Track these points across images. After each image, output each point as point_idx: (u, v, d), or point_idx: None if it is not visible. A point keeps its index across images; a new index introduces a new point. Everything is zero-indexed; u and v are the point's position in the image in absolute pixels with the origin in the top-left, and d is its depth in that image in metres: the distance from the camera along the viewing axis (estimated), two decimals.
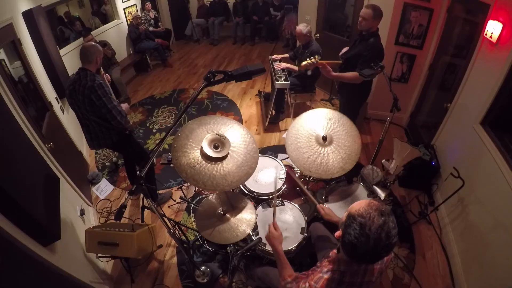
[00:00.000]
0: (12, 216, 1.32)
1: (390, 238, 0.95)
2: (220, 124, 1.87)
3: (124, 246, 1.92)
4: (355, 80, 2.47)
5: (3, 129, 1.56)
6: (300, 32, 3.34)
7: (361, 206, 1.02)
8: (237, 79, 1.48)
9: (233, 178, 1.69)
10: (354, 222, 0.98)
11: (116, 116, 2.11)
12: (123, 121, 2.16)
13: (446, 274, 2.23)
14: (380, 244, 0.95)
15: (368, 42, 2.45)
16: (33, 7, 2.99)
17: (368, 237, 0.95)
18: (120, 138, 2.33)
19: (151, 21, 6.02)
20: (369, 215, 0.97)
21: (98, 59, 2.12)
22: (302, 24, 3.37)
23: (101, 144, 2.32)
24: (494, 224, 1.88)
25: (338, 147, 1.93)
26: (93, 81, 2.03)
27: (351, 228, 0.98)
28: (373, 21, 2.39)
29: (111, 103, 2.08)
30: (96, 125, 2.20)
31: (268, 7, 6.79)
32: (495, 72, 2.04)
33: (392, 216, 0.99)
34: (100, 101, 2.04)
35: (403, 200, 2.83)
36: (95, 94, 2.01)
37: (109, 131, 2.25)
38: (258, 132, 3.88)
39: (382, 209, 0.99)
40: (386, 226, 0.95)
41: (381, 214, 0.97)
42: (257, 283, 1.95)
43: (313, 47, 3.36)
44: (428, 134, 3.22)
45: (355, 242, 0.97)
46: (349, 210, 1.05)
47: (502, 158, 1.88)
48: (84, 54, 2.08)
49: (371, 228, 0.95)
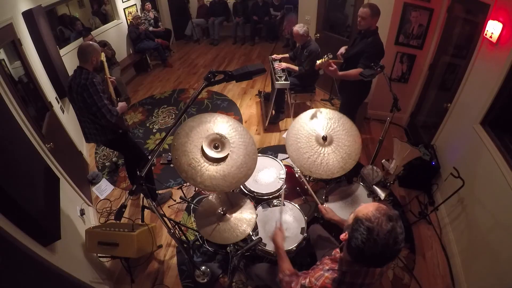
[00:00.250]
0: (12, 216, 1.32)
1: (398, 243, 0.94)
2: (220, 124, 1.87)
3: (124, 246, 1.92)
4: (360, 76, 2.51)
5: (3, 129, 1.56)
6: (297, 33, 3.34)
7: (369, 210, 0.99)
8: (237, 79, 1.48)
9: (233, 178, 1.69)
10: (362, 226, 0.96)
11: (106, 115, 2.13)
12: (112, 120, 2.18)
13: (446, 274, 2.23)
14: (387, 250, 0.94)
15: (368, 40, 2.50)
16: (33, 7, 2.99)
17: (376, 242, 0.93)
18: (115, 137, 2.36)
19: (151, 21, 6.02)
20: (377, 220, 0.95)
21: (94, 58, 2.15)
22: (298, 25, 3.37)
23: (96, 139, 2.36)
24: (494, 224, 1.88)
25: (338, 147, 1.93)
26: (86, 79, 2.07)
27: (358, 233, 0.97)
28: (371, 19, 2.44)
29: (101, 101, 2.11)
30: (91, 122, 2.24)
31: (268, 7, 6.79)
32: (495, 72, 2.04)
33: (400, 221, 0.97)
34: (91, 99, 2.07)
35: (403, 200, 2.83)
36: (86, 92, 2.06)
37: (104, 129, 2.29)
38: (258, 132, 3.88)
39: (390, 213, 0.97)
40: (394, 231, 0.94)
41: (389, 219, 0.95)
42: (256, 283, 1.95)
43: (312, 46, 3.36)
44: (428, 134, 3.22)
45: (362, 247, 0.95)
46: (356, 214, 1.03)
47: (502, 158, 1.88)
48: (81, 53, 2.12)
49: (379, 234, 0.93)
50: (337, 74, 2.59)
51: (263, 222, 1.96)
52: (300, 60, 3.48)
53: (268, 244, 1.84)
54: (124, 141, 2.48)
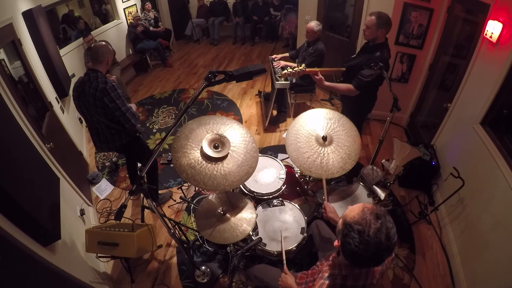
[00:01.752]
0: (12, 216, 1.32)
1: (391, 238, 0.95)
2: (220, 124, 1.87)
3: (124, 246, 1.92)
4: (348, 93, 2.31)
5: (3, 129, 1.56)
6: (312, 29, 3.30)
7: (355, 212, 1.00)
8: (237, 79, 1.48)
9: (234, 177, 1.69)
10: (352, 230, 0.96)
11: (131, 119, 2.06)
12: (137, 124, 2.12)
13: (446, 274, 2.23)
14: (381, 247, 0.94)
15: (372, 55, 2.22)
16: (33, 7, 2.99)
17: (369, 243, 0.93)
18: (129, 139, 2.28)
19: (151, 21, 6.02)
20: (365, 220, 0.95)
21: (110, 59, 2.07)
22: (315, 22, 3.35)
23: (110, 147, 2.25)
24: (494, 224, 1.88)
25: (338, 147, 1.93)
26: (106, 83, 1.96)
27: (349, 237, 0.97)
28: (377, 30, 2.17)
29: (125, 105, 2.03)
30: (106, 128, 2.14)
31: (268, 7, 6.79)
32: (495, 72, 2.04)
33: (388, 216, 0.98)
34: (113, 104, 1.98)
35: (403, 200, 2.83)
36: (108, 97, 1.96)
37: (119, 133, 2.20)
38: (258, 132, 3.88)
39: (377, 211, 0.97)
40: (384, 228, 0.94)
41: (378, 217, 0.95)
42: (256, 283, 1.95)
43: (319, 45, 3.35)
44: (428, 134, 3.22)
45: (356, 250, 0.95)
46: (344, 218, 1.03)
47: (502, 158, 1.88)
48: (95, 54, 2.01)
49: (370, 234, 0.93)
50: (323, 84, 2.33)
51: (263, 222, 1.96)
52: (304, 56, 3.47)
53: (268, 244, 1.84)
54: (138, 143, 2.40)
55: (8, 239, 1.21)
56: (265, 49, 6.70)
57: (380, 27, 2.16)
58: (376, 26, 2.16)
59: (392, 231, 0.95)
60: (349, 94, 2.34)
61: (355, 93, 2.29)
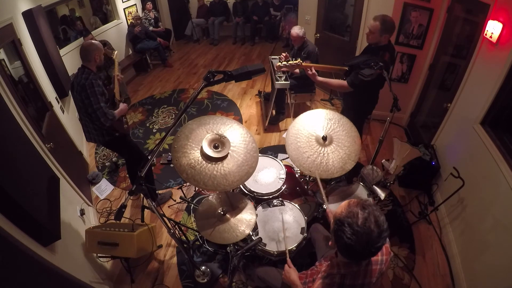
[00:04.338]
0: (12, 216, 1.32)
1: (381, 225, 0.98)
2: (220, 124, 1.87)
3: (124, 246, 1.92)
4: (340, 88, 2.32)
5: (3, 129, 1.56)
6: (297, 35, 3.30)
7: (342, 208, 1.05)
8: (237, 79, 1.48)
9: (234, 177, 1.69)
10: (342, 224, 1.00)
11: (100, 118, 2.11)
12: (106, 123, 2.14)
13: (446, 274, 2.23)
14: (373, 235, 0.97)
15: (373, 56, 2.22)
16: (33, 7, 2.99)
17: (359, 233, 0.97)
18: (111, 138, 2.34)
19: (151, 21, 6.02)
20: (352, 213, 1.00)
21: (97, 57, 2.13)
22: (297, 27, 3.33)
23: (95, 139, 2.34)
24: (494, 224, 1.88)
25: (338, 147, 1.93)
26: (86, 79, 2.05)
27: (341, 231, 1.00)
28: (380, 35, 2.17)
29: (97, 104, 2.07)
30: (90, 121, 2.23)
31: (268, 7, 6.78)
32: (495, 72, 2.04)
33: (375, 206, 1.02)
34: (87, 100, 2.06)
35: (403, 200, 2.83)
36: (84, 93, 2.04)
37: (100, 130, 2.27)
38: (258, 132, 3.88)
39: (362, 203, 1.02)
40: (372, 216, 0.98)
41: (364, 208, 1.00)
42: (256, 283, 1.95)
43: (309, 47, 3.35)
44: (428, 134, 3.22)
45: (349, 242, 0.98)
46: (334, 216, 1.07)
47: (502, 158, 1.88)
48: (83, 52, 2.10)
49: (359, 224, 0.97)
50: (316, 79, 2.37)
51: (263, 222, 1.96)
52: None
53: (268, 244, 1.84)
54: (122, 143, 2.45)
55: (8, 239, 1.21)
56: (265, 49, 6.70)
57: (384, 32, 2.16)
58: (380, 32, 2.16)
59: (381, 219, 0.99)
60: (340, 90, 2.38)
61: (348, 89, 2.30)
